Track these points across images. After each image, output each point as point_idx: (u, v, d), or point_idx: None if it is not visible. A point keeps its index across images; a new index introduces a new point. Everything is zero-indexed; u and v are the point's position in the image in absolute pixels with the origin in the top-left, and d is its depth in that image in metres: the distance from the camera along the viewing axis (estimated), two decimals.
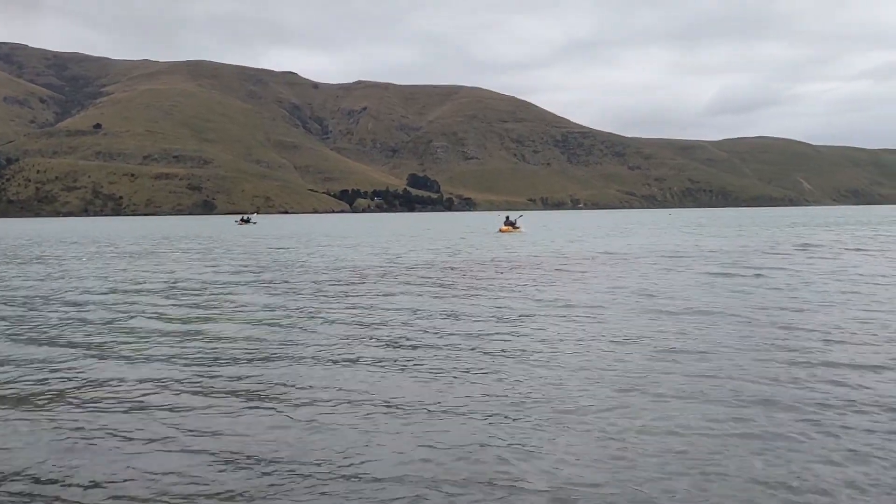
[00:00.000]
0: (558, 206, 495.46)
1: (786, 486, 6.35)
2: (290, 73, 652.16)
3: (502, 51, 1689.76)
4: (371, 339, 13.33)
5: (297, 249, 44.34)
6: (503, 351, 11.95)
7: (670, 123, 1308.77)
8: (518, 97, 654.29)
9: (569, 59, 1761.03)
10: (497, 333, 13.59)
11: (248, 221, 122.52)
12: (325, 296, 20.01)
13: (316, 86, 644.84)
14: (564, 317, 15.40)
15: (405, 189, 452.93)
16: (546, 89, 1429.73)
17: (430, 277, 24.91)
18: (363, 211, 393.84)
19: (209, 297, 20.09)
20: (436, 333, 13.64)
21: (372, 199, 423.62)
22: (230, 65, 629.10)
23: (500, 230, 67.72)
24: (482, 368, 10.77)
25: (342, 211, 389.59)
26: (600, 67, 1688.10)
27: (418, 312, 16.38)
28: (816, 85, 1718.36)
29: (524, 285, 21.88)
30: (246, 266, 30.86)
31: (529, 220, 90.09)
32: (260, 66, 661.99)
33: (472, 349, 12.18)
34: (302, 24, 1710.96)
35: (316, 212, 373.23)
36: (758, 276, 23.21)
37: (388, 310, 16.92)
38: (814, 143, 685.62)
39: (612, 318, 15.14)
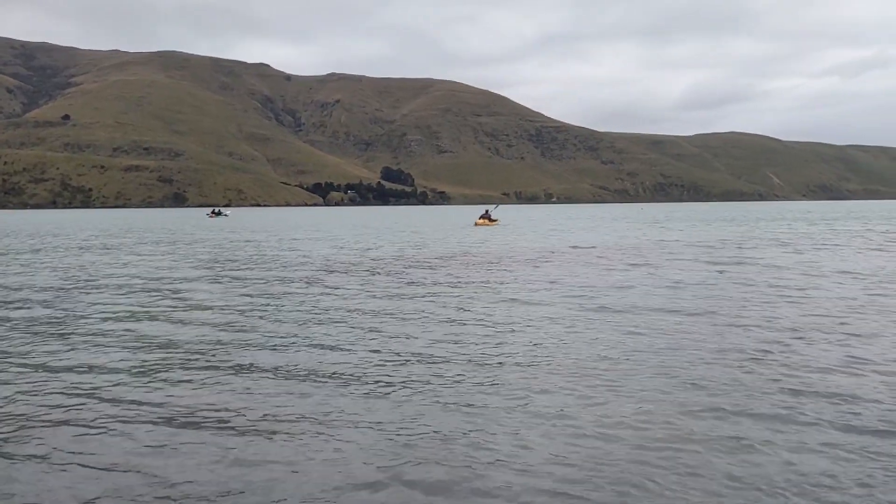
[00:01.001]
0: (532, 200, 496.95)
1: (753, 486, 6.30)
2: (263, 64, 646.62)
3: (476, 44, 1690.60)
4: (328, 336, 13.04)
5: (263, 243, 43.91)
6: (462, 350, 11.91)
7: (642, 118, 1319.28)
8: (492, 91, 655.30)
9: (542, 52, 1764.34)
10: (459, 331, 13.56)
11: (219, 214, 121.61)
12: (285, 292, 19.52)
13: (289, 78, 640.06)
14: (529, 313, 15.44)
15: (379, 182, 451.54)
16: (520, 83, 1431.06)
17: (396, 272, 24.89)
18: (336, 204, 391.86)
19: (159, 294, 19.22)
20: (395, 332, 13.50)
21: (345, 193, 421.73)
22: (202, 56, 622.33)
23: (476, 223, 68.35)
24: (442, 366, 10.76)
25: (315, 204, 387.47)
26: (573, 62, 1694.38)
27: (375, 310, 16.23)
28: (785, 81, 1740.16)
29: (489, 280, 21.95)
30: (206, 260, 30.26)
31: (504, 212, 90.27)
32: (232, 58, 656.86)
33: (432, 347, 12.13)
34: (274, 15, 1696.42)
35: (289, 205, 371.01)
36: (721, 272, 23.45)
37: (349, 307, 16.70)
38: (783, 138, 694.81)
39: (574, 314, 15.18)
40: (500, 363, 10.73)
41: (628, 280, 21.28)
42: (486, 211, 72.07)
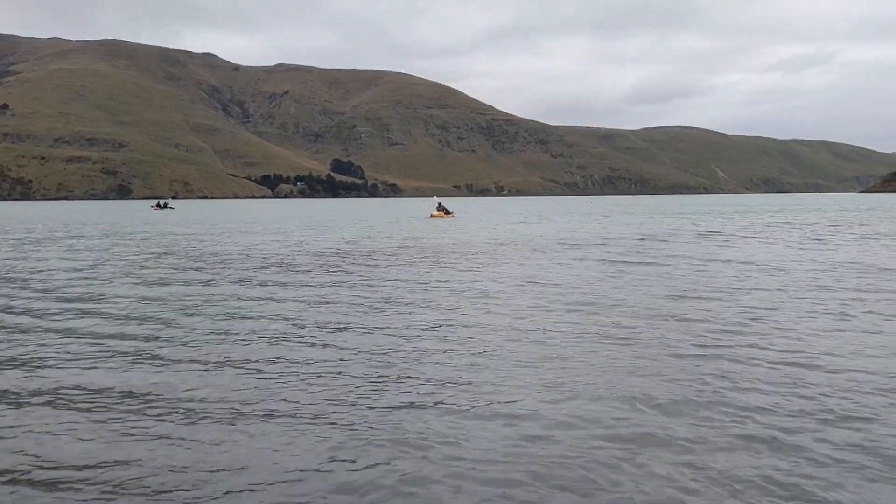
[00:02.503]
0: (483, 192, 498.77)
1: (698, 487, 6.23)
2: (210, 54, 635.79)
3: (427, 36, 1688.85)
4: (254, 334, 12.64)
5: (203, 236, 43.19)
6: (410, 343, 11.85)
7: (591, 112, 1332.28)
8: (443, 83, 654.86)
9: (493, 45, 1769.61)
10: (400, 325, 13.48)
11: (164, 207, 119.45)
12: (219, 287, 19.04)
13: (236, 68, 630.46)
14: (473, 306, 15.41)
15: (329, 175, 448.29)
16: (471, 76, 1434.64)
17: (338, 266, 24.70)
18: (286, 197, 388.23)
19: (76, 291, 18.25)
20: (330, 327, 13.39)
21: (295, 185, 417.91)
22: (146, 45, 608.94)
23: (432, 215, 68.95)
24: (380, 359, 10.67)
25: (264, 196, 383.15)
26: (523, 55, 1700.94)
27: (311, 304, 16.09)
28: (730, 76, 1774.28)
29: (431, 272, 21.93)
30: (138, 256, 29.30)
31: (454, 205, 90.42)
32: (178, 47, 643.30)
33: (380, 341, 12.03)
34: (221, 4, 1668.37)
35: (237, 197, 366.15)
36: (658, 264, 23.74)
37: (283, 300, 16.44)
38: (728, 133, 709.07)
39: (519, 307, 15.19)
40: (447, 356, 10.67)
41: (577, 273, 21.43)
42: (440, 203, 72.77)
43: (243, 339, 12.10)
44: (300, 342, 11.82)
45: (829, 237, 37.02)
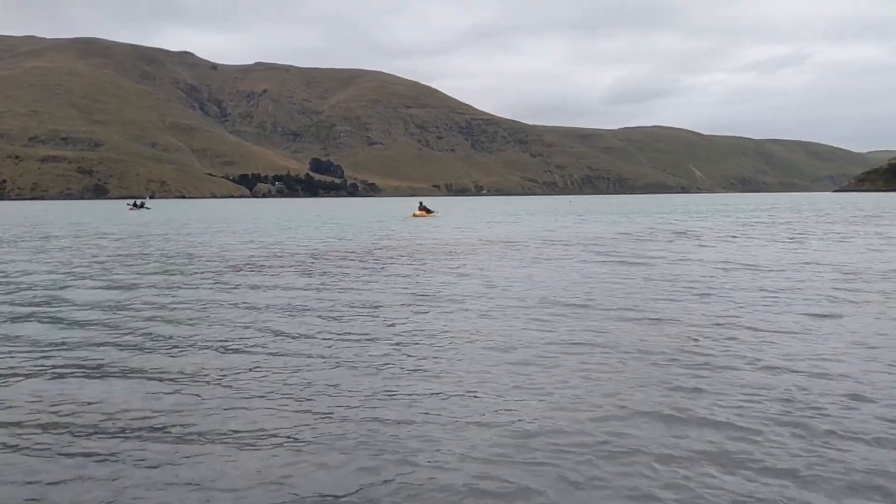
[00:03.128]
0: (462, 192, 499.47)
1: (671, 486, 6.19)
2: (187, 52, 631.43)
3: (406, 35, 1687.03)
4: (216, 339, 12.30)
5: (175, 237, 42.72)
6: (374, 346, 11.82)
7: (570, 112, 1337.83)
8: (422, 83, 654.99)
9: (472, 45, 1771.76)
10: (374, 327, 13.46)
11: (141, 207, 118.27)
12: (182, 290, 18.45)
13: (214, 66, 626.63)
14: (448, 309, 15.39)
15: (308, 174, 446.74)
16: (450, 75, 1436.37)
17: (313, 267, 24.57)
18: (264, 196, 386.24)
19: (27, 295, 17.51)
20: (299, 332, 13.23)
21: (273, 184, 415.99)
22: (122, 43, 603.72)
23: (414, 215, 69.80)
24: (355, 362, 10.64)
25: (242, 196, 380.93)
26: (503, 54, 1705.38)
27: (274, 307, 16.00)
28: (707, 76, 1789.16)
29: (408, 274, 21.90)
30: (105, 258, 28.41)
31: (434, 204, 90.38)
32: (154, 45, 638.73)
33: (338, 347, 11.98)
34: (198, 2, 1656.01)
35: (214, 197, 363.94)
36: (639, 264, 23.83)
37: (246, 303, 16.01)
38: (704, 132, 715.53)
39: (491, 309, 15.11)
40: (417, 360, 10.54)
41: (553, 273, 21.48)
42: (421, 203, 74.06)
43: (203, 346, 11.73)
44: (266, 349, 11.49)
45: (803, 237, 37.39)
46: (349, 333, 12.51)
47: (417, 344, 11.63)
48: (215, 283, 19.60)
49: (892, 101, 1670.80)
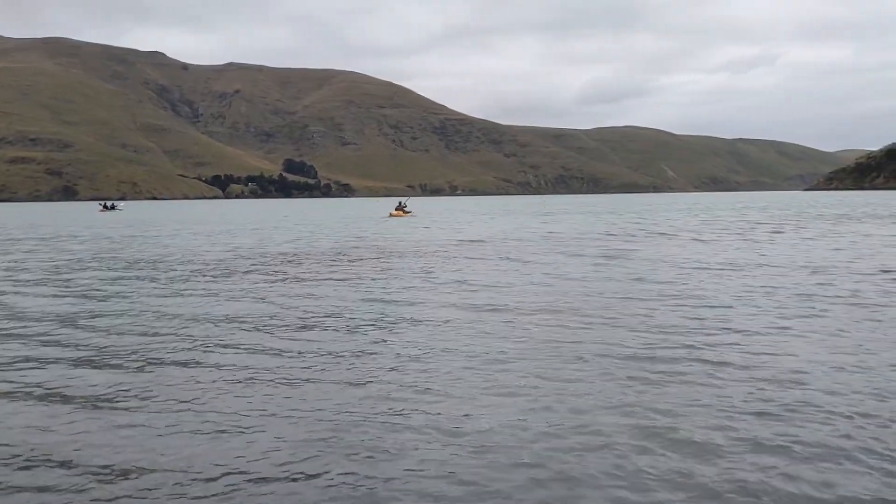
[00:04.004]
0: (437, 192, 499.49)
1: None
2: (158, 52, 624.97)
3: (379, 35, 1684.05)
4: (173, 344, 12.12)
5: (143, 238, 42.31)
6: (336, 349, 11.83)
7: (544, 112, 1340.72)
8: (395, 83, 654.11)
9: (446, 45, 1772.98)
10: (336, 329, 13.46)
11: (112, 208, 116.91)
12: (141, 295, 18.13)
13: (185, 67, 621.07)
14: (410, 313, 15.44)
15: (281, 175, 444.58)
16: (423, 75, 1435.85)
17: (280, 270, 24.50)
18: (237, 197, 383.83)
19: None
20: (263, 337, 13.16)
21: (246, 185, 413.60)
22: (92, 43, 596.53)
23: (391, 214, 72.06)
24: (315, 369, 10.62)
25: (215, 197, 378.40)
26: (477, 54, 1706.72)
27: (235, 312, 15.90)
28: (679, 77, 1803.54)
29: (378, 273, 21.90)
30: (61, 262, 27.73)
31: (414, 204, 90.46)
32: (124, 45, 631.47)
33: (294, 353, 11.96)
34: (169, 2, 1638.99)
35: (187, 198, 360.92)
36: (607, 264, 23.99)
37: (209, 311, 15.59)
38: (677, 132, 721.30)
39: (459, 310, 15.20)
40: (380, 364, 10.56)
41: (526, 273, 21.59)
42: (400, 203, 76.23)
43: (155, 352, 11.45)
44: (225, 358, 11.22)
45: (770, 235, 37.90)
46: (315, 340, 12.48)
47: (383, 348, 11.61)
48: (173, 289, 19.12)
49: (859, 102, 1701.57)
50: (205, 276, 21.99)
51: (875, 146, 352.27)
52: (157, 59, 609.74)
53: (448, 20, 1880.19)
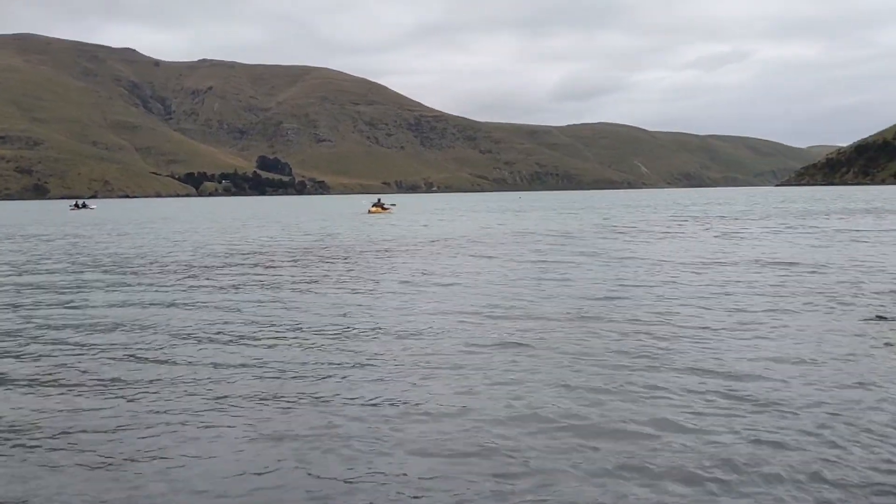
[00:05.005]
0: (412, 189, 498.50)
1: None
2: (129, 49, 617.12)
3: (352, 32, 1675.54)
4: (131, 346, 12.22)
5: (112, 237, 42.18)
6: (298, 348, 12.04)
7: (518, 108, 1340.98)
8: (370, 79, 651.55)
9: (420, 42, 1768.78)
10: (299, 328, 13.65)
11: (83, 207, 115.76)
12: (95, 293, 18.06)
13: (157, 63, 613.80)
14: (382, 309, 15.71)
15: (255, 172, 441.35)
16: (398, 72, 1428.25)
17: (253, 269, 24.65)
18: (210, 195, 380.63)
19: None
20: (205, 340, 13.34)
21: (220, 183, 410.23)
22: (62, 39, 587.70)
23: (370, 211, 73.63)
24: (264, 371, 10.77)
25: (188, 195, 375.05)
26: (451, 51, 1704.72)
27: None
28: (651, 73, 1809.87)
29: (348, 271, 22.18)
30: (26, 260, 27.75)
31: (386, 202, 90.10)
32: (95, 42, 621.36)
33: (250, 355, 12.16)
34: None
35: (160, 196, 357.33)
36: (573, 263, 24.38)
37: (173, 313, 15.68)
38: (649, 129, 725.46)
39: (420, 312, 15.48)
40: (347, 364, 10.75)
41: (493, 272, 21.98)
42: (379, 199, 78.42)
43: (119, 353, 11.54)
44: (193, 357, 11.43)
45: (740, 231, 38.63)
46: (280, 338, 12.61)
47: (349, 346, 11.78)
48: (131, 288, 19.04)
49: (829, 98, 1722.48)
50: (170, 274, 22.03)
51: (845, 142, 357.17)
52: (128, 56, 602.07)
53: (422, 17, 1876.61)
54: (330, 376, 9.74)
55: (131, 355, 11.22)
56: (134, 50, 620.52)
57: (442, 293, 17.27)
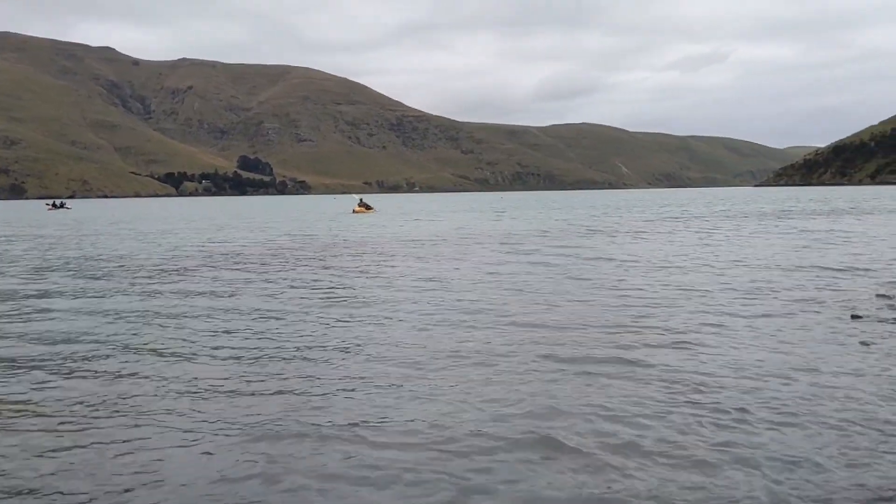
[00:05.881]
0: (394, 189, 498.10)
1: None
2: (108, 48, 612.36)
3: (334, 31, 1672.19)
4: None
5: (86, 237, 41.76)
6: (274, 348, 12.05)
7: (500, 108, 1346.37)
8: (351, 79, 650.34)
9: (402, 41, 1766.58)
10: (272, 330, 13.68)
11: (61, 207, 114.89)
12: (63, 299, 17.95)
13: (136, 62, 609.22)
14: (345, 313, 15.69)
15: (236, 172, 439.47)
16: (379, 72, 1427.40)
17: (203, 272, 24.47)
18: (190, 195, 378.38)
19: None
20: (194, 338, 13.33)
21: (200, 183, 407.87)
22: (39, 38, 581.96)
23: (355, 210, 74.87)
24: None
25: (168, 195, 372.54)
26: (432, 51, 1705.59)
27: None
28: (631, 74, 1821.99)
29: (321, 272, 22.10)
30: None
31: (374, 203, 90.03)
32: (73, 40, 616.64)
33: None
34: None
35: (139, 196, 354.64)
36: (546, 265, 24.38)
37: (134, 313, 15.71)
38: (630, 129, 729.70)
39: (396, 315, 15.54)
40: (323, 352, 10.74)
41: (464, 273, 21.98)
42: (361, 199, 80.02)
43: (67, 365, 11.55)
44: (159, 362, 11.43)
45: (713, 232, 38.92)
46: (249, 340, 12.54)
47: (320, 346, 11.71)
48: (96, 290, 18.80)
49: (807, 99, 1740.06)
50: (142, 275, 21.78)
51: (822, 143, 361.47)
52: (107, 55, 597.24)
53: (403, 16, 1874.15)
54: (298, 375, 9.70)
55: (94, 360, 11.08)
56: (113, 49, 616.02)
57: (414, 297, 17.23)
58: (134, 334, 12.78)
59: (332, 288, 18.34)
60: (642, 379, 9.20)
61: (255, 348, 11.43)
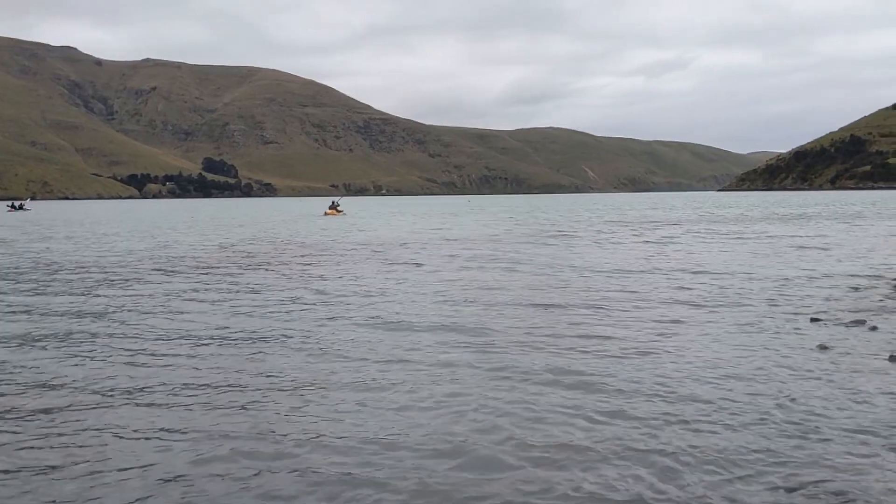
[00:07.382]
0: (361, 191, 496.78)
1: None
2: (70, 47, 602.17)
3: (301, 33, 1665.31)
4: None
5: (41, 241, 40.93)
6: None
7: (466, 112, 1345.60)
8: (318, 81, 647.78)
9: (369, 44, 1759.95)
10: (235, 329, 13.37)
11: (19, 208, 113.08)
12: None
13: (99, 62, 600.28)
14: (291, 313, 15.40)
15: (200, 174, 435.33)
16: (346, 74, 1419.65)
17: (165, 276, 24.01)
18: (154, 197, 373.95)
19: None
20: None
21: (164, 185, 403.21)
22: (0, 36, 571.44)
23: (326, 213, 76.86)
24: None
25: (131, 197, 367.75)
26: (399, 54, 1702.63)
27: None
28: (597, 79, 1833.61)
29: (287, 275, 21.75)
30: None
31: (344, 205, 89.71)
32: (34, 39, 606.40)
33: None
34: None
35: (101, 198, 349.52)
36: (512, 269, 24.30)
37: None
38: (596, 134, 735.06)
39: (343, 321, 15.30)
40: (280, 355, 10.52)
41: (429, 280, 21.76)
42: (333, 202, 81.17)
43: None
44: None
45: (672, 237, 39.10)
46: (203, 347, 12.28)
47: (279, 352, 11.44)
48: (42, 296, 18.29)
49: (769, 105, 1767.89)
50: (89, 281, 21.35)
51: (784, 148, 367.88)
52: (68, 54, 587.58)
53: (370, 19, 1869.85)
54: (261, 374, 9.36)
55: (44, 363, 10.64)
56: (75, 48, 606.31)
57: (364, 303, 16.94)
58: (62, 340, 12.29)
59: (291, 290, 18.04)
60: (584, 387, 9.00)
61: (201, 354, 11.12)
